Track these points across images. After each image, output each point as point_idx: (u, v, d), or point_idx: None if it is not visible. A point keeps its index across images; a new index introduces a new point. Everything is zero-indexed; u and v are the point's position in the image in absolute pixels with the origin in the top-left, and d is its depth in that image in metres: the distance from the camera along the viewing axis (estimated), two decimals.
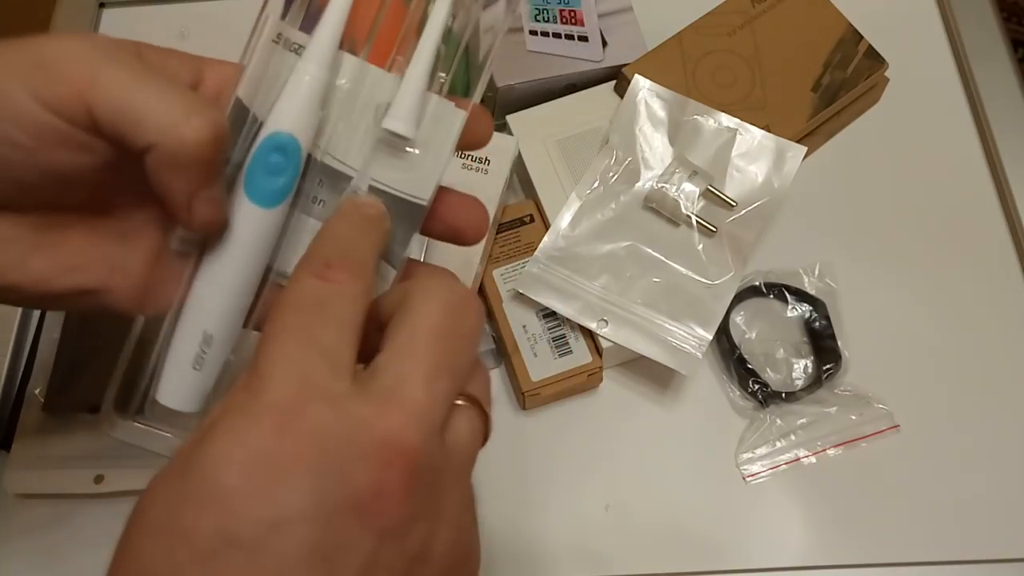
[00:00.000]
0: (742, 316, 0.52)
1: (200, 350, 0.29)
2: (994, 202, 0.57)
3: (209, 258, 0.29)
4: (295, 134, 0.29)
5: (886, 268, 0.54)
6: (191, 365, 0.29)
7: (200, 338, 0.29)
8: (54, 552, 0.48)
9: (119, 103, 0.25)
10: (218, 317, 0.29)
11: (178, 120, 0.25)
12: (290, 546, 0.21)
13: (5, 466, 0.48)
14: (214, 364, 0.30)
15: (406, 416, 0.23)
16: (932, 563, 0.46)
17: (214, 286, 0.29)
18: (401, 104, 0.30)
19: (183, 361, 0.29)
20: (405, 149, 0.31)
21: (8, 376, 0.52)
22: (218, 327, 0.29)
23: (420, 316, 0.25)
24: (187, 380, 0.30)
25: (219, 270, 0.29)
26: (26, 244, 0.28)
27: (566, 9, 0.56)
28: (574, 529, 0.48)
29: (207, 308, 0.29)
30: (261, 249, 0.30)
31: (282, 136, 0.28)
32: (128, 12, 0.66)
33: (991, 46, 0.61)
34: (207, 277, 0.29)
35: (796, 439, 0.49)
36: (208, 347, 0.29)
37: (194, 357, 0.29)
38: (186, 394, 0.30)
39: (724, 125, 0.52)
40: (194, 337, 0.29)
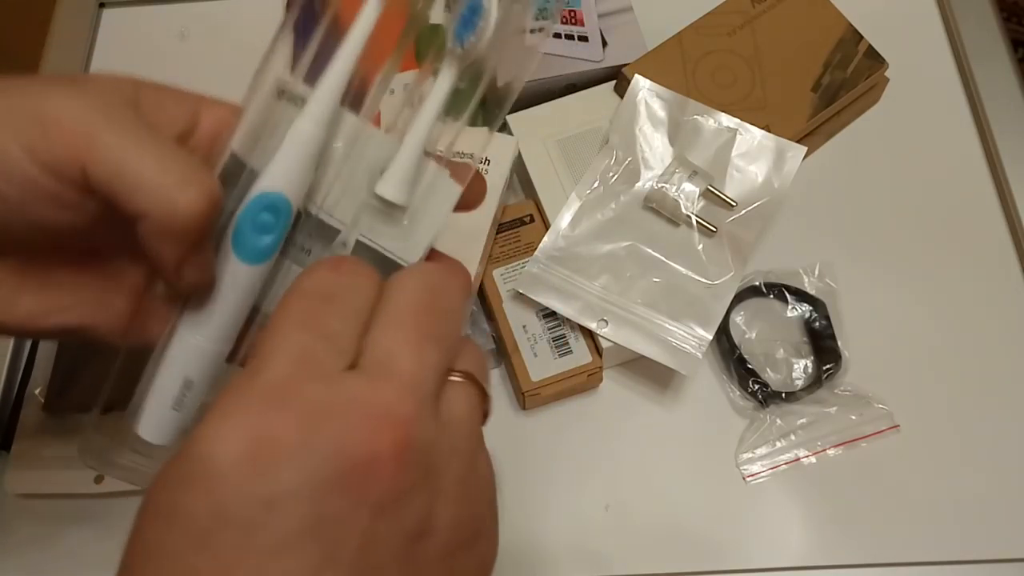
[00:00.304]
0: (742, 316, 0.52)
1: (181, 393, 0.30)
2: (994, 202, 0.57)
3: (192, 307, 0.30)
4: (287, 194, 0.28)
5: (886, 268, 0.54)
6: (171, 406, 0.30)
7: (181, 383, 0.30)
8: (54, 552, 0.48)
9: (115, 169, 0.25)
10: (199, 365, 0.30)
11: (173, 191, 0.25)
12: (285, 524, 0.21)
13: (5, 466, 0.48)
14: (193, 404, 0.30)
15: (396, 386, 0.23)
16: (932, 563, 0.46)
17: (196, 336, 0.29)
18: (395, 172, 0.30)
19: (164, 401, 0.30)
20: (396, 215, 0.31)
21: (8, 376, 0.52)
22: (199, 374, 0.30)
23: (402, 293, 0.25)
24: (167, 418, 0.30)
25: (202, 320, 0.29)
26: (11, 286, 0.29)
27: (566, 9, 0.56)
28: (574, 529, 0.48)
29: (189, 356, 0.30)
30: (244, 301, 0.30)
31: (273, 196, 0.28)
32: (128, 12, 0.66)
33: (991, 46, 0.61)
34: (190, 325, 0.30)
35: (796, 439, 0.49)
36: (188, 391, 0.30)
37: (174, 399, 0.30)
38: (165, 430, 0.31)
39: (724, 125, 0.52)
40: (175, 381, 0.30)
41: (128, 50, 0.65)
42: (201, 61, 0.63)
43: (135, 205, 0.25)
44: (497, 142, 0.52)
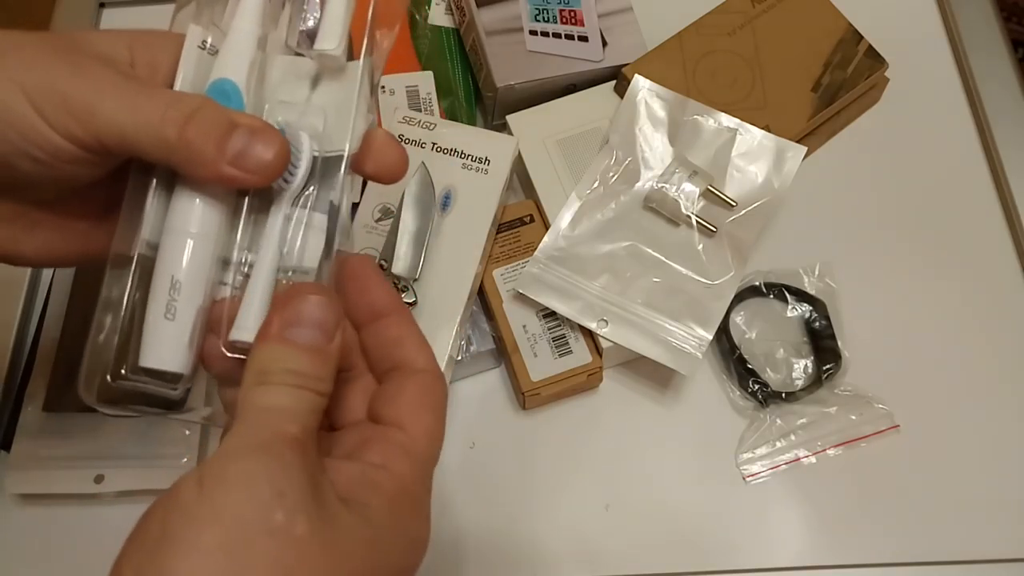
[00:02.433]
0: (742, 316, 0.52)
1: (170, 297, 0.30)
2: (994, 202, 0.57)
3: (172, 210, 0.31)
4: (234, 79, 0.31)
5: (886, 268, 0.54)
6: (163, 315, 0.30)
7: (168, 285, 0.30)
8: (54, 552, 0.48)
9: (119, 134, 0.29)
10: (181, 260, 0.30)
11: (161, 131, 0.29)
12: None
13: (5, 466, 0.48)
14: (186, 313, 0.30)
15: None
16: (932, 563, 0.46)
17: (175, 231, 0.30)
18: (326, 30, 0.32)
19: (157, 313, 0.30)
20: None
21: (8, 376, 0.52)
22: (183, 271, 0.30)
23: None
24: (164, 334, 0.30)
25: (179, 218, 0.30)
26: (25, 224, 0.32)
27: (566, 9, 0.56)
28: (574, 529, 0.48)
29: (171, 254, 0.30)
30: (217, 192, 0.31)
31: (223, 82, 0.31)
32: (128, 12, 0.66)
33: (991, 46, 0.61)
34: (172, 226, 0.30)
35: (796, 439, 0.49)
36: (176, 293, 0.30)
37: (165, 306, 0.30)
38: (165, 350, 0.30)
39: (724, 125, 0.52)
40: (163, 287, 0.30)
41: None
42: None
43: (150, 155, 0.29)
44: (497, 142, 0.52)
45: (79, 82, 0.29)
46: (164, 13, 0.65)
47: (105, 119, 0.28)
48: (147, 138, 0.28)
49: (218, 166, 0.29)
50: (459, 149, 0.52)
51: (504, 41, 0.55)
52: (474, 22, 0.55)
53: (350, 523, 0.25)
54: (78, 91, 0.28)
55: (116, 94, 0.29)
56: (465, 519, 0.48)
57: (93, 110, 0.28)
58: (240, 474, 0.24)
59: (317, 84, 0.33)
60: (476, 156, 0.52)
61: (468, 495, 0.48)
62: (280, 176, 0.30)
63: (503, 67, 0.54)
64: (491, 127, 0.58)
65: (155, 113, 0.28)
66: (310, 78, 0.33)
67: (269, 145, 0.29)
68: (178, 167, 0.29)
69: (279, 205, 0.31)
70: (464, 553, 0.47)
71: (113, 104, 0.28)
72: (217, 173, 0.29)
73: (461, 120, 0.56)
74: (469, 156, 0.52)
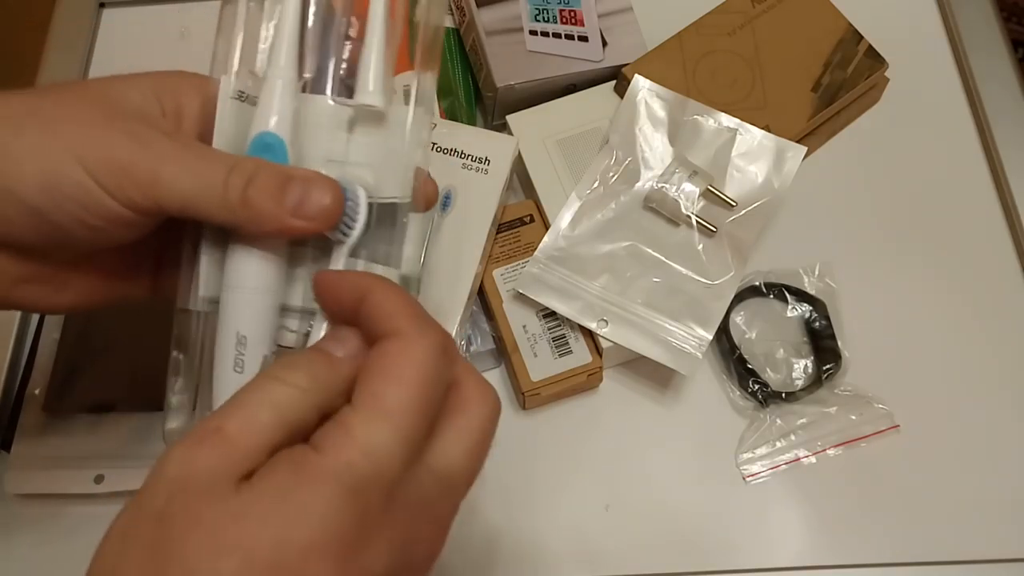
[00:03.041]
0: (742, 316, 0.52)
1: (237, 352, 0.31)
2: (994, 202, 0.57)
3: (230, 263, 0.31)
4: (278, 132, 0.31)
5: (886, 268, 0.54)
6: (232, 369, 0.31)
7: (235, 341, 0.31)
8: (54, 552, 0.48)
9: (181, 200, 0.30)
10: (247, 317, 0.31)
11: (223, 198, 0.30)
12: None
13: (5, 466, 0.48)
14: (252, 364, 0.31)
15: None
16: (932, 563, 0.46)
17: (238, 289, 0.31)
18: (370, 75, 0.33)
19: (225, 367, 0.31)
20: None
21: (8, 376, 0.52)
22: (249, 327, 0.31)
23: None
24: (231, 384, 0.31)
25: (239, 271, 0.31)
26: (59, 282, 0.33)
27: (566, 9, 0.56)
28: (574, 529, 0.48)
29: (235, 311, 0.31)
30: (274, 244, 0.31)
31: (267, 135, 0.31)
32: (128, 12, 0.66)
33: (991, 46, 0.61)
34: (231, 283, 0.31)
35: (796, 439, 0.49)
36: (243, 348, 0.31)
37: (233, 360, 0.31)
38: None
39: (724, 125, 0.52)
40: (230, 342, 0.31)
41: (128, 50, 0.65)
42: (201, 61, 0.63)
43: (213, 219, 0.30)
44: (497, 142, 0.52)
45: (138, 150, 0.29)
46: (164, 13, 0.66)
47: (167, 186, 0.29)
48: (210, 203, 0.30)
49: (281, 220, 0.30)
50: (459, 149, 0.52)
51: (504, 41, 0.55)
52: (474, 22, 0.55)
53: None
54: (138, 160, 0.29)
55: (175, 161, 0.30)
56: (465, 519, 0.48)
57: (155, 179, 0.29)
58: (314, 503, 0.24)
59: (355, 129, 0.33)
60: (476, 156, 0.52)
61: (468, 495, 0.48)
62: (339, 221, 0.31)
63: (503, 67, 0.54)
64: (491, 127, 0.58)
65: (217, 178, 0.29)
66: (348, 124, 0.33)
67: (325, 192, 0.30)
68: (241, 227, 0.30)
69: (337, 257, 0.32)
70: (464, 553, 0.47)
71: (174, 171, 0.29)
72: (280, 226, 0.30)
73: (461, 120, 0.56)
74: (469, 156, 0.52)
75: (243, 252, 0.31)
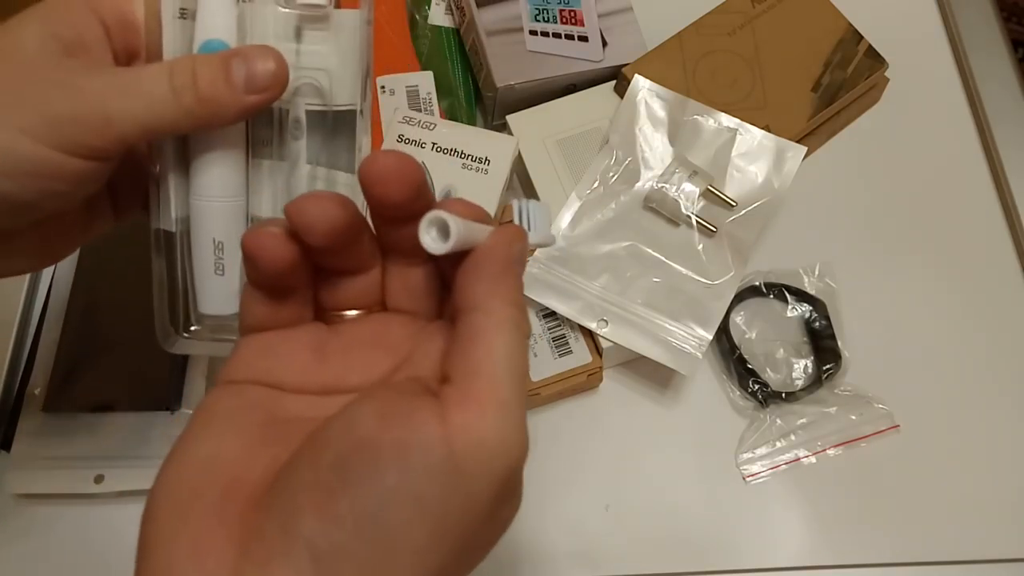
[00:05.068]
0: (742, 316, 0.52)
1: (216, 257, 0.32)
2: (994, 202, 0.57)
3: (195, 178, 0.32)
4: (222, 38, 0.31)
5: (886, 268, 0.54)
6: (213, 273, 0.32)
7: (212, 247, 0.32)
8: (54, 552, 0.48)
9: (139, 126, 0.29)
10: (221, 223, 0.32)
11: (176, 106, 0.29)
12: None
13: (5, 466, 0.48)
14: (232, 267, 0.33)
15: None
16: (932, 563, 0.46)
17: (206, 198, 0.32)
18: None
19: (206, 272, 0.33)
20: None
21: (8, 376, 0.52)
22: (224, 232, 0.32)
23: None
24: (216, 287, 0.33)
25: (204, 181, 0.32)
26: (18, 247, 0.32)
27: (566, 9, 0.56)
28: (574, 529, 0.48)
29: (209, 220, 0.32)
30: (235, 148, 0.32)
31: (212, 43, 0.31)
32: None
33: (991, 46, 0.61)
34: (200, 193, 0.32)
35: (796, 439, 0.49)
36: (222, 252, 0.32)
37: (213, 265, 0.32)
38: (218, 299, 0.33)
39: (724, 125, 0.52)
40: (207, 248, 0.32)
41: None
42: None
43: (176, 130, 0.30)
44: (497, 142, 0.52)
45: (74, 98, 0.28)
46: None
47: (120, 121, 0.28)
48: (167, 115, 0.29)
49: (239, 100, 0.30)
50: (459, 149, 0.52)
51: (504, 41, 0.55)
52: (474, 22, 0.55)
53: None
54: (80, 108, 0.28)
55: (116, 93, 0.29)
56: None
57: (106, 119, 0.28)
58: (497, 451, 0.22)
59: (302, 37, 0.33)
60: (476, 156, 0.52)
61: None
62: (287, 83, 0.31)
63: (503, 67, 0.54)
64: (491, 127, 0.58)
65: (163, 89, 0.29)
66: (296, 32, 0.33)
67: (268, 58, 0.30)
68: (206, 124, 0.30)
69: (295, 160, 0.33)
70: None
71: (120, 104, 0.28)
72: (240, 107, 0.30)
73: (461, 120, 0.56)
74: (469, 156, 0.52)
75: (206, 162, 0.32)
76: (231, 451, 0.24)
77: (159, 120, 0.29)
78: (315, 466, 0.22)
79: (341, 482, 0.21)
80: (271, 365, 0.27)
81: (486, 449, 0.22)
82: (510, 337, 0.23)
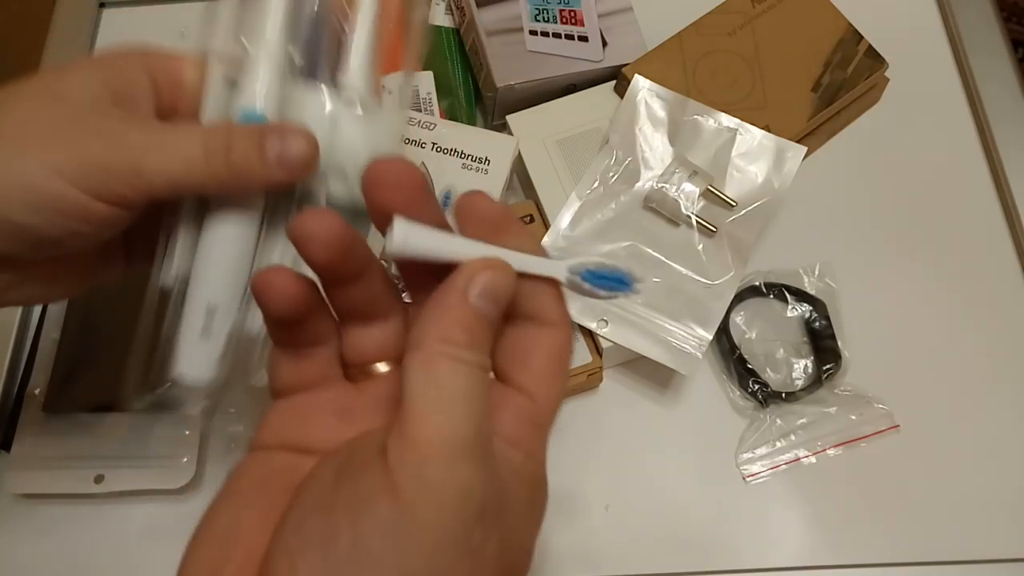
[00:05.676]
0: (742, 316, 0.52)
1: (207, 321, 0.31)
2: (994, 202, 0.57)
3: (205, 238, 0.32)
4: (261, 109, 0.32)
5: (886, 268, 0.54)
6: (200, 335, 0.32)
7: (205, 310, 0.32)
8: (54, 552, 0.48)
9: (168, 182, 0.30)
10: (220, 287, 0.32)
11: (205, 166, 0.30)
12: None
13: (5, 466, 0.48)
14: (220, 332, 0.32)
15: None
16: (932, 563, 0.46)
17: (214, 261, 0.32)
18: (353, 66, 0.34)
19: (192, 332, 0.32)
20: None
21: (8, 376, 0.52)
22: (221, 297, 0.32)
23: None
24: (198, 350, 0.32)
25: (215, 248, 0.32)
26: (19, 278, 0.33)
27: (566, 9, 0.56)
28: (574, 529, 0.48)
29: (206, 283, 0.32)
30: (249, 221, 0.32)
31: (250, 112, 0.32)
32: (128, 12, 0.66)
33: (991, 46, 0.61)
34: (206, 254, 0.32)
35: (796, 439, 0.49)
36: (212, 317, 0.32)
37: (202, 328, 0.32)
38: (199, 363, 0.32)
39: (724, 125, 0.52)
40: (199, 309, 0.32)
41: None
42: None
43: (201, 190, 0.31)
44: (497, 142, 0.52)
45: (111, 147, 0.29)
46: (164, 13, 0.66)
47: (150, 174, 0.29)
48: (196, 176, 0.30)
49: (268, 174, 0.30)
50: (459, 149, 0.52)
51: (504, 41, 0.55)
52: (474, 22, 0.55)
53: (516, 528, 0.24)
54: (115, 157, 0.29)
55: (151, 147, 0.30)
56: None
57: (137, 170, 0.29)
58: (445, 486, 0.21)
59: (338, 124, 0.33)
60: (476, 156, 0.52)
61: None
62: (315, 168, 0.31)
63: (503, 67, 0.54)
64: (491, 127, 0.58)
65: (196, 151, 0.30)
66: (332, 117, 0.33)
67: (301, 138, 0.31)
68: (232, 190, 0.31)
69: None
70: None
71: (153, 158, 0.29)
72: (267, 180, 0.30)
73: (461, 120, 0.56)
74: (469, 156, 0.52)
75: (219, 224, 0.32)
76: (249, 523, 0.24)
77: (186, 179, 0.30)
78: (283, 531, 0.22)
79: (301, 546, 0.22)
80: (298, 429, 0.27)
81: (435, 492, 0.21)
82: (446, 373, 0.22)
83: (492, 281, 0.24)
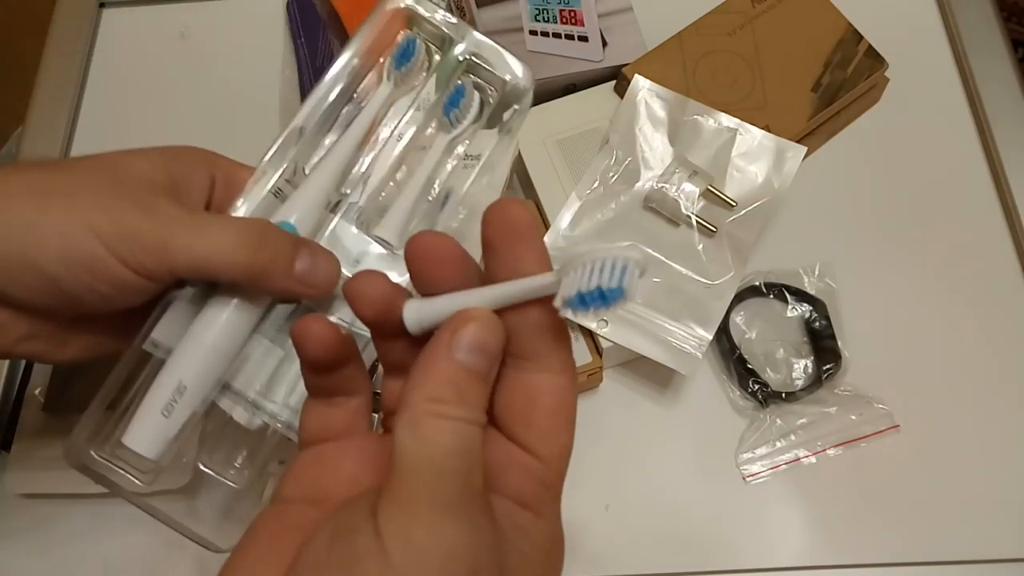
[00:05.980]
0: (742, 316, 0.52)
1: (172, 398, 0.32)
2: (994, 202, 0.57)
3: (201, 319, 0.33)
4: (296, 226, 0.34)
5: (886, 268, 0.54)
6: (160, 411, 0.32)
7: (175, 387, 0.32)
8: (55, 552, 0.48)
9: (192, 262, 0.31)
10: (196, 369, 0.32)
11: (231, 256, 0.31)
12: None
13: (5, 466, 0.48)
14: (181, 415, 0.32)
15: None
16: (932, 563, 0.46)
17: (200, 344, 0.32)
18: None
19: (154, 406, 0.32)
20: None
21: (8, 376, 0.52)
22: (193, 379, 0.32)
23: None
24: (154, 426, 0.32)
25: (206, 332, 0.32)
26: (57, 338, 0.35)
27: (566, 9, 0.56)
28: (574, 529, 0.48)
29: (186, 362, 0.32)
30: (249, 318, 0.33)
31: (284, 225, 0.34)
32: (128, 12, 0.66)
33: (991, 46, 0.61)
34: (196, 335, 0.33)
35: (796, 439, 0.49)
36: (180, 396, 0.32)
37: (165, 404, 0.32)
38: (149, 439, 0.33)
39: (724, 125, 0.52)
40: (170, 386, 0.32)
41: (128, 50, 0.65)
42: (201, 61, 0.63)
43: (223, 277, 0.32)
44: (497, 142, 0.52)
45: (146, 218, 0.31)
46: (164, 13, 0.66)
47: (176, 251, 0.31)
48: (220, 264, 0.31)
49: (288, 284, 0.32)
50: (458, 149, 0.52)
51: (504, 41, 0.55)
52: (474, 22, 0.55)
53: None
54: (147, 227, 0.31)
55: (184, 227, 0.31)
56: None
57: (165, 245, 0.31)
58: (431, 548, 0.21)
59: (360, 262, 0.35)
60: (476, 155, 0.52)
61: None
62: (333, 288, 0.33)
63: None
64: None
65: (226, 239, 0.31)
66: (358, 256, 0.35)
67: (331, 262, 0.33)
68: (249, 285, 0.32)
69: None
70: None
71: (183, 237, 0.31)
72: (286, 289, 0.32)
73: None
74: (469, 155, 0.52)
75: (218, 310, 0.33)
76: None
77: (209, 264, 0.31)
78: None
79: None
80: (319, 476, 0.27)
81: (422, 555, 0.21)
82: (432, 431, 0.22)
83: (476, 335, 0.24)
